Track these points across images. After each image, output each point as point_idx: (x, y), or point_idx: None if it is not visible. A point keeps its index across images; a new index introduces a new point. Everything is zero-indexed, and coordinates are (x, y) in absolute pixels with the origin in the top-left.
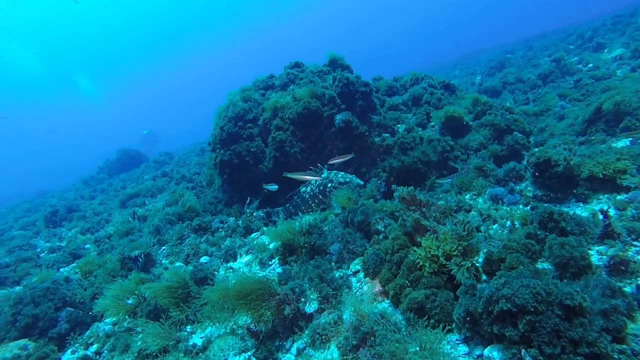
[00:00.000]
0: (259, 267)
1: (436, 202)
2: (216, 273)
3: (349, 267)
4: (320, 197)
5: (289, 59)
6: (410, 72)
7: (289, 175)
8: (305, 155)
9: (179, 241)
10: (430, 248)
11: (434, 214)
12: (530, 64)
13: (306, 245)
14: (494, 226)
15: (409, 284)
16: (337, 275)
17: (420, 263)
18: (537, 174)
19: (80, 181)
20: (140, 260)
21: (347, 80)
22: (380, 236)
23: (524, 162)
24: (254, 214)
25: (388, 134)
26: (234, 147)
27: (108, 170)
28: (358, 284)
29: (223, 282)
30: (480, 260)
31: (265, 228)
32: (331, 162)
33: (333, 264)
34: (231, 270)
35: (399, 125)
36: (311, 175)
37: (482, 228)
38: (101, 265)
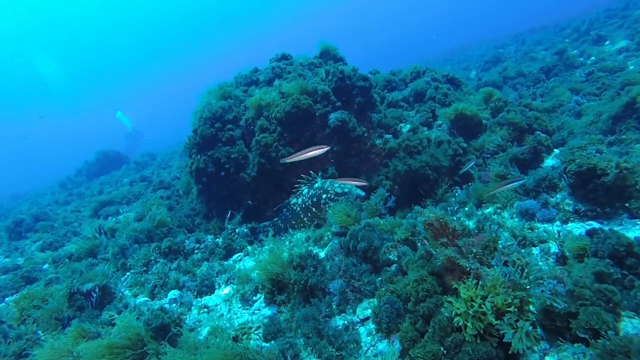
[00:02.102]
0: (240, 305)
1: (467, 226)
2: (185, 316)
3: (355, 312)
4: (314, 210)
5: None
6: (410, 65)
7: (287, 160)
8: (296, 162)
9: (145, 268)
10: (473, 300)
11: (473, 250)
12: (527, 57)
13: (298, 282)
14: (534, 251)
15: (444, 352)
16: (340, 323)
17: (460, 322)
18: (577, 184)
19: (57, 184)
20: (94, 295)
21: (342, 73)
22: (393, 267)
23: (547, 166)
24: (237, 230)
25: (390, 135)
26: (211, 152)
27: (87, 172)
28: (369, 338)
29: (192, 336)
30: (532, 307)
31: (249, 247)
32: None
33: (334, 306)
34: (206, 310)
35: (401, 125)
36: (316, 150)
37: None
38: (45, 300)
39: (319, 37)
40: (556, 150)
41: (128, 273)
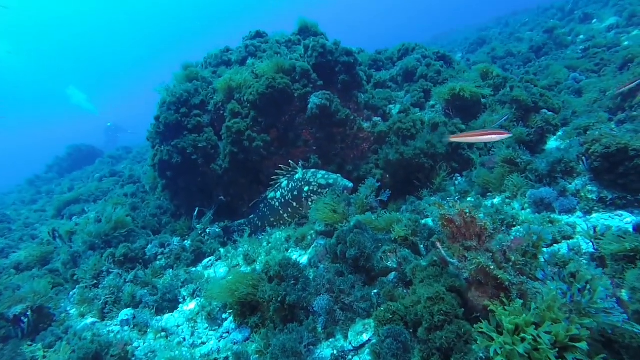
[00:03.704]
0: (207, 325)
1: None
2: (137, 343)
3: (346, 337)
4: (295, 204)
5: None
6: (398, 43)
7: (456, 140)
8: (273, 150)
9: (96, 281)
10: (521, 330)
11: (512, 257)
12: (512, 38)
13: (274, 299)
14: (562, 248)
15: None
16: (328, 354)
17: None
18: (603, 168)
19: (25, 182)
20: (26, 321)
21: (324, 48)
22: (392, 276)
23: (550, 148)
24: (207, 230)
25: (379, 118)
26: (176, 142)
27: (58, 168)
28: None
29: None
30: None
31: (222, 250)
32: None
33: (320, 329)
34: (163, 334)
35: (390, 106)
36: (496, 134)
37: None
38: None
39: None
40: (559, 132)
41: (75, 290)
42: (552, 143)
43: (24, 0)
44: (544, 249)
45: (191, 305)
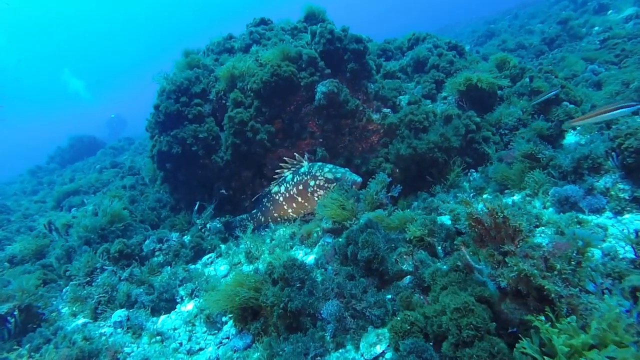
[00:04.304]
0: (205, 329)
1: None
2: (130, 348)
3: (357, 347)
4: (300, 200)
5: None
6: (408, 32)
7: (578, 123)
8: (277, 141)
9: (89, 278)
10: (578, 352)
11: (557, 265)
12: (523, 31)
13: (278, 305)
14: (596, 253)
15: None
16: None
17: None
18: (637, 164)
19: (27, 172)
20: (12, 321)
21: (332, 34)
22: (407, 280)
23: (568, 143)
24: (208, 225)
25: (389, 109)
26: (175, 132)
27: (60, 159)
28: None
29: None
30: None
31: (223, 246)
32: None
33: (329, 338)
34: (158, 339)
35: (400, 98)
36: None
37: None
38: None
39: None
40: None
41: (67, 288)
42: (571, 138)
43: None
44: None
45: (189, 306)
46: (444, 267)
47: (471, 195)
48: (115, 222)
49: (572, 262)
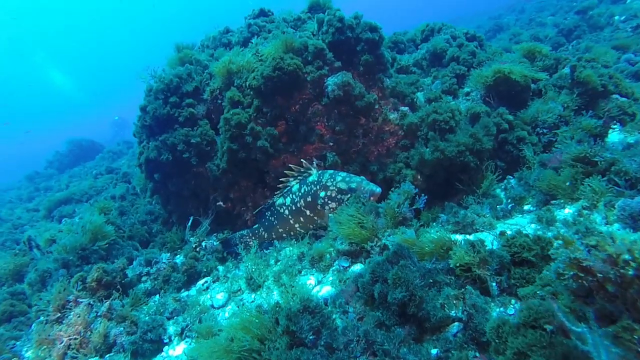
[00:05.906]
0: None
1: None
2: None
3: None
4: (308, 213)
5: None
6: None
7: None
8: (281, 146)
9: (60, 314)
10: None
11: None
12: (533, 23)
13: None
14: None
15: None
16: None
17: None
18: None
19: (24, 178)
20: None
21: (342, 22)
22: (454, 328)
23: (612, 142)
24: (203, 243)
25: (407, 107)
26: (165, 137)
27: (58, 164)
28: None
29: None
30: None
31: (221, 268)
32: None
33: None
34: None
35: (418, 94)
36: None
37: None
38: None
39: None
40: (617, 125)
41: (34, 322)
42: (614, 136)
43: None
44: None
45: (178, 350)
46: (513, 319)
47: (509, 206)
48: (97, 240)
49: None
